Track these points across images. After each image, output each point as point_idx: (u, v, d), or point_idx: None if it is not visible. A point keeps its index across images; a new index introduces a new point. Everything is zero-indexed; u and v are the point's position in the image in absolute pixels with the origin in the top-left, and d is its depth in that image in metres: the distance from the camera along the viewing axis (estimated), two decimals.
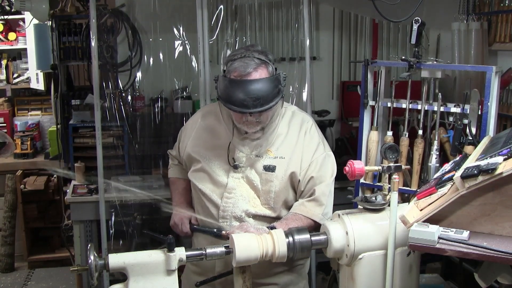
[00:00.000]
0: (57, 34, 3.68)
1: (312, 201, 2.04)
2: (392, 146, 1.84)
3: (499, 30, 3.21)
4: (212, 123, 2.17)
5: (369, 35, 4.03)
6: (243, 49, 1.99)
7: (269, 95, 1.90)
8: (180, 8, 3.58)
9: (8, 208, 4.46)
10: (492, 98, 2.42)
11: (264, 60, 1.94)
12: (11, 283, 4.33)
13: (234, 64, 1.93)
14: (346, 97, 3.93)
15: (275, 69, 1.98)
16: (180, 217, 2.19)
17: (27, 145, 4.61)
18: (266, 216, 2.07)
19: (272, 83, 1.92)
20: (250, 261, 1.76)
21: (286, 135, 2.09)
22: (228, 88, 1.92)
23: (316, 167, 2.05)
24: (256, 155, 2.06)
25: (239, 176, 2.08)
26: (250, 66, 1.90)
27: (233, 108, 1.92)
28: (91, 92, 3.39)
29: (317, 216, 2.02)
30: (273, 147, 2.07)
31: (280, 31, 3.93)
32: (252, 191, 2.07)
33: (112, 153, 3.45)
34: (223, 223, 2.07)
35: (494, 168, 1.43)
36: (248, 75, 1.90)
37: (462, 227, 1.51)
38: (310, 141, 2.09)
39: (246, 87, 1.88)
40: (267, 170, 2.04)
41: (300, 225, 1.96)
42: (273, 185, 2.04)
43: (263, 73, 1.92)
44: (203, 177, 2.13)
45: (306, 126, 2.11)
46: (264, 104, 1.89)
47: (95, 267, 1.67)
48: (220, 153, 2.10)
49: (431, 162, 2.58)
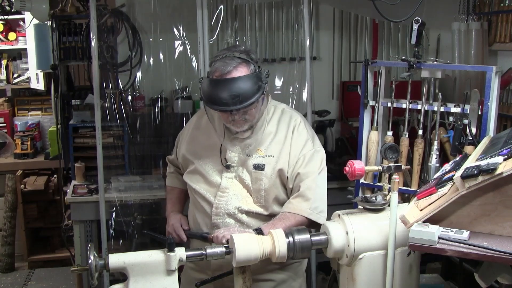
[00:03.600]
0: (57, 34, 3.67)
1: (298, 197, 2.06)
2: (392, 146, 1.84)
3: (499, 30, 3.21)
4: (205, 124, 2.20)
5: (369, 35, 4.03)
6: (225, 50, 2.04)
7: (249, 91, 1.92)
8: (180, 8, 3.58)
9: (8, 208, 4.46)
10: (492, 98, 2.42)
11: (245, 58, 1.97)
12: (11, 283, 4.34)
13: (216, 64, 1.97)
14: (346, 97, 3.93)
15: (258, 67, 2.00)
16: (172, 225, 2.21)
17: (27, 145, 4.61)
18: (259, 213, 2.10)
19: (251, 80, 1.94)
20: (250, 261, 1.76)
21: (276, 133, 2.11)
22: (209, 88, 1.96)
23: (303, 163, 2.07)
24: (246, 155, 2.09)
25: (232, 175, 2.11)
26: (230, 65, 1.94)
27: (214, 107, 1.96)
28: (91, 92, 3.39)
29: (305, 211, 2.03)
30: (263, 146, 2.09)
31: (280, 31, 3.93)
32: (245, 190, 2.11)
33: (112, 153, 3.45)
34: (216, 220, 2.10)
35: (494, 168, 1.42)
36: (228, 74, 1.93)
37: (462, 227, 1.51)
38: (298, 138, 2.10)
39: (226, 86, 1.92)
40: (256, 168, 2.07)
41: (287, 223, 1.99)
42: (263, 183, 2.07)
43: (244, 71, 1.95)
44: (198, 178, 2.17)
45: (294, 123, 2.13)
46: (244, 101, 1.91)
47: (95, 267, 1.67)
48: (213, 154, 2.14)
49: (431, 162, 2.58)
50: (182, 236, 2.16)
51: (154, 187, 3.38)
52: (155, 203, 3.32)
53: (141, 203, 3.31)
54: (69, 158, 3.63)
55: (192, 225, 2.22)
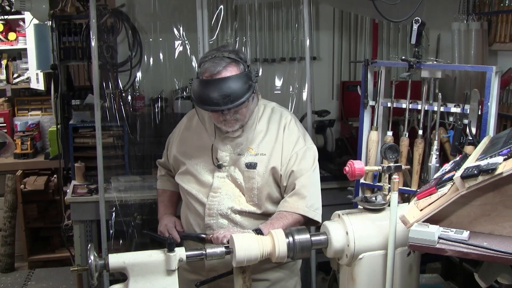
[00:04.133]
0: (57, 34, 3.67)
1: (294, 195, 2.06)
2: (392, 146, 1.84)
3: (499, 30, 3.21)
4: (196, 125, 2.21)
5: (369, 35, 4.03)
6: (214, 50, 2.04)
7: (239, 91, 1.92)
8: (180, 8, 3.58)
9: (8, 208, 4.46)
10: (492, 98, 2.42)
11: (235, 58, 1.97)
12: (11, 283, 4.34)
13: (205, 65, 1.97)
14: (346, 97, 3.93)
15: (247, 66, 2.01)
16: (165, 225, 2.20)
17: (27, 145, 4.61)
18: (252, 212, 2.10)
19: (241, 79, 1.94)
20: (250, 261, 1.76)
21: (266, 131, 2.12)
22: (200, 89, 1.96)
23: (296, 161, 2.07)
24: (238, 154, 2.09)
25: (224, 175, 2.11)
26: (219, 65, 1.94)
27: (205, 107, 1.96)
28: (91, 92, 3.39)
29: (302, 209, 2.04)
30: (254, 144, 2.10)
31: (280, 31, 3.93)
32: (237, 189, 2.11)
33: (112, 153, 3.45)
34: (210, 221, 2.09)
35: (494, 168, 1.42)
36: (218, 74, 1.93)
37: (462, 227, 1.51)
38: (290, 136, 2.11)
39: (216, 86, 1.92)
40: (248, 167, 2.08)
41: (285, 222, 2.00)
42: (255, 182, 2.07)
43: (233, 71, 1.95)
44: (189, 179, 2.17)
45: (285, 121, 2.13)
46: (234, 101, 1.92)
47: (95, 267, 1.68)
48: (204, 154, 2.14)
49: (431, 162, 2.58)
50: (175, 237, 2.13)
51: (154, 187, 3.32)
52: (155, 203, 3.28)
53: (141, 203, 3.31)
54: (69, 158, 3.63)
55: (185, 226, 2.22)
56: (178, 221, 2.24)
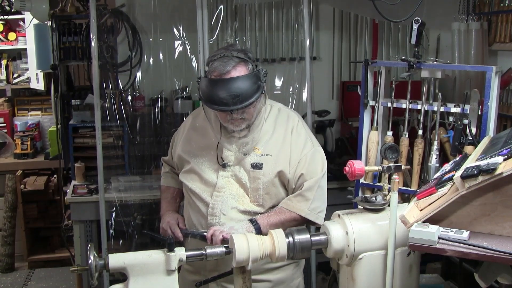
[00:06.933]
0: (57, 34, 3.67)
1: (298, 195, 2.06)
2: (392, 146, 1.84)
3: (499, 30, 3.21)
4: (201, 124, 2.20)
5: (369, 35, 4.03)
6: (222, 49, 2.03)
7: (248, 91, 1.92)
8: (180, 8, 3.58)
9: (8, 208, 4.47)
10: (492, 98, 2.42)
11: (243, 58, 1.97)
12: (11, 283, 4.34)
13: (214, 64, 1.97)
14: (346, 97, 3.93)
15: (255, 66, 2.01)
16: (167, 222, 2.20)
17: (27, 145, 4.62)
18: (255, 212, 2.09)
19: (250, 79, 1.94)
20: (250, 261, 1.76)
21: (273, 132, 2.11)
22: (208, 88, 1.95)
23: (305, 164, 2.07)
24: (243, 153, 2.09)
25: (228, 174, 2.10)
26: (229, 64, 1.94)
27: (214, 107, 1.95)
28: (91, 92, 3.39)
29: (303, 211, 2.05)
30: (260, 144, 2.09)
31: (280, 31, 3.93)
32: (241, 189, 2.10)
33: (112, 153, 3.45)
34: (212, 220, 2.09)
35: (494, 168, 1.42)
36: (227, 74, 1.93)
37: (462, 227, 1.51)
38: (298, 138, 2.10)
39: (225, 85, 1.91)
40: (254, 167, 2.07)
41: (282, 217, 2.02)
42: (261, 183, 2.07)
43: (242, 70, 1.95)
44: (193, 177, 2.16)
45: (292, 123, 2.13)
46: (244, 101, 1.91)
47: (95, 267, 1.67)
48: (209, 153, 2.14)
49: (431, 162, 2.58)
50: (177, 234, 2.13)
51: (154, 187, 3.38)
52: (155, 203, 3.31)
53: (141, 203, 3.31)
54: (69, 158, 3.63)
55: (187, 225, 2.21)
56: (181, 218, 2.23)
